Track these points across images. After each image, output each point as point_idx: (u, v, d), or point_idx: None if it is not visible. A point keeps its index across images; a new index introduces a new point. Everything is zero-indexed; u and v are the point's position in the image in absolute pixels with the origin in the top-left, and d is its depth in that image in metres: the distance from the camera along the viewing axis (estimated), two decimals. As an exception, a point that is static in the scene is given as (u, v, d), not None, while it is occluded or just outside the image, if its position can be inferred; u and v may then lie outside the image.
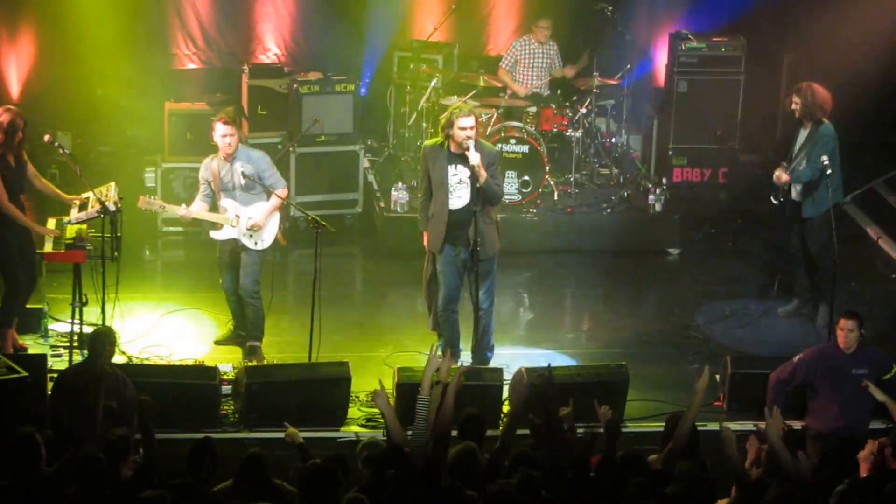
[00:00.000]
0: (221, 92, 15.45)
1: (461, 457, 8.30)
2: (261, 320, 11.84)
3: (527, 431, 9.05)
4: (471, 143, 11.11)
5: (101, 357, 9.71)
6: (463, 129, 11.13)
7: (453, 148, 11.26)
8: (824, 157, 12.17)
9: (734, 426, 10.73)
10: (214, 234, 11.74)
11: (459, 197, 11.34)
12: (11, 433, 8.40)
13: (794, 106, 12.50)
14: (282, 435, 9.64)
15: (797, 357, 10.77)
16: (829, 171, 12.12)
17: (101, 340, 9.82)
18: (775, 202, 12.64)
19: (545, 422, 8.77)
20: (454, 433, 9.03)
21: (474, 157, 11.06)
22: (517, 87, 15.54)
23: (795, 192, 12.48)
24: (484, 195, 11.21)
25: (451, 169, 11.31)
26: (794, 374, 10.69)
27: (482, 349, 11.64)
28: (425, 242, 11.55)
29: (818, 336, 12.16)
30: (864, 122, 15.39)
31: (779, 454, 8.65)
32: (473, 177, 11.17)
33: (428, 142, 11.90)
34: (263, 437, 10.28)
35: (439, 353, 9.61)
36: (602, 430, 8.90)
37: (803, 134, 12.51)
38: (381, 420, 10.70)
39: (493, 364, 11.50)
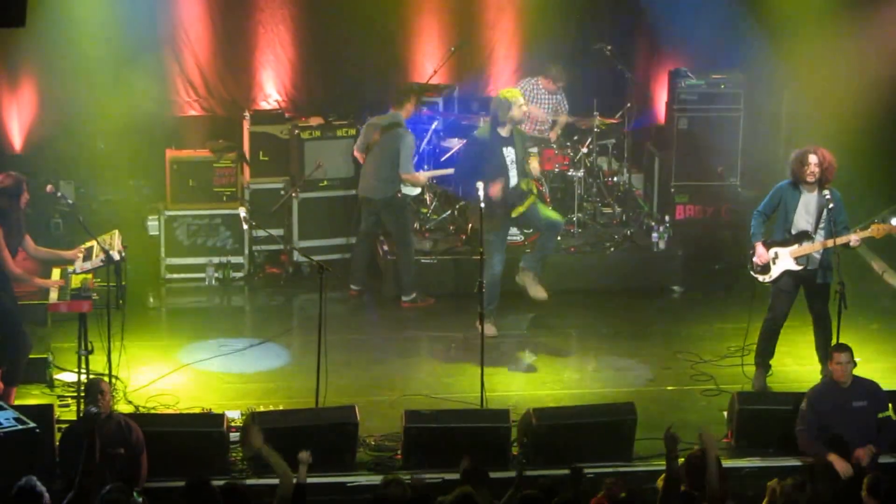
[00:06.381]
0: (223, 139, 15.48)
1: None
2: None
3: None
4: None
5: (97, 407, 9.69)
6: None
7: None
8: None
9: (743, 464, 10.82)
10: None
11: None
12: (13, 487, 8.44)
13: (813, 168, 11.73)
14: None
15: (804, 403, 10.78)
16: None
17: (92, 391, 9.85)
18: (762, 277, 12.16)
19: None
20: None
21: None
22: (539, 112, 15.53)
23: (791, 261, 11.96)
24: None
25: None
26: (811, 418, 10.71)
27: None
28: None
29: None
30: (864, 156, 15.40)
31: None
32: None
33: None
34: (272, 483, 10.23)
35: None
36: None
37: (807, 197, 11.94)
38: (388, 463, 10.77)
39: (500, 406, 11.49)
